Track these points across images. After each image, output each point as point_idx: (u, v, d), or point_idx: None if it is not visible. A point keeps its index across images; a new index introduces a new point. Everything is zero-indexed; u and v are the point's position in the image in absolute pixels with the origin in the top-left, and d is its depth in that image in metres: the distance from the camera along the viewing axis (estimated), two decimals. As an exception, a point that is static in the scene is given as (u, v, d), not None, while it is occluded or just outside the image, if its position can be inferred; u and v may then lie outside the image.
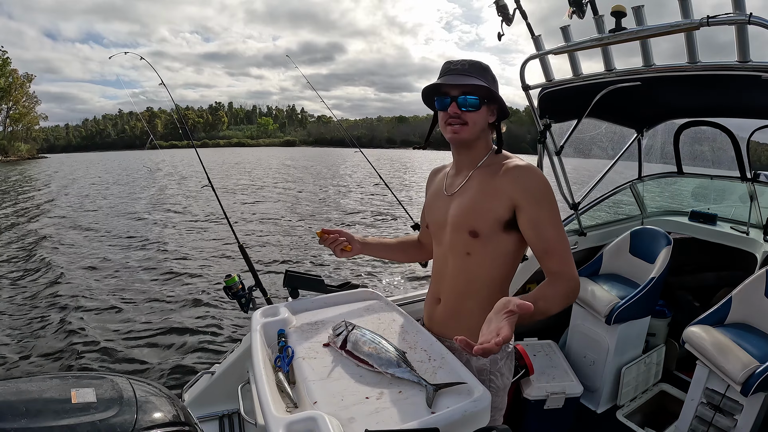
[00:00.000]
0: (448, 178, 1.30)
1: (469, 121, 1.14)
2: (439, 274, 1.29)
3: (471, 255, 1.17)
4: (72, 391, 0.78)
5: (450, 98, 1.14)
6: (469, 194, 1.18)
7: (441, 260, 1.29)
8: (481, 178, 1.18)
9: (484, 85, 1.11)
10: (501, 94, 1.17)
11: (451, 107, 1.14)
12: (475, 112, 1.14)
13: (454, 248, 1.21)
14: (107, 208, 12.83)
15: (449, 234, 1.22)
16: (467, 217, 1.16)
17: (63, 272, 6.41)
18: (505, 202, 1.10)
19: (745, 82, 1.65)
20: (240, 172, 26.92)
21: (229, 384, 1.69)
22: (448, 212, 1.23)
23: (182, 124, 2.61)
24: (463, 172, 1.25)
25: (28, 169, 30.82)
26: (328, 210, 12.61)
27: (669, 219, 3.18)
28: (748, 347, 1.82)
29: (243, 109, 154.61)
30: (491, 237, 1.14)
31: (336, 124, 4.98)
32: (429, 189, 1.42)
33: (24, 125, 56.53)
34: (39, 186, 20.07)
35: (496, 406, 1.20)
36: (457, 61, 1.16)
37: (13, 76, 53.34)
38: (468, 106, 1.13)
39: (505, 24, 1.81)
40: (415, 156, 54.06)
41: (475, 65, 1.15)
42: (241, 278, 1.77)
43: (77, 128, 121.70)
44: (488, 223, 1.13)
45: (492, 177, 1.15)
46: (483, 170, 1.20)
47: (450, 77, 1.13)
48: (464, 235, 1.16)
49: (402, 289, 5.80)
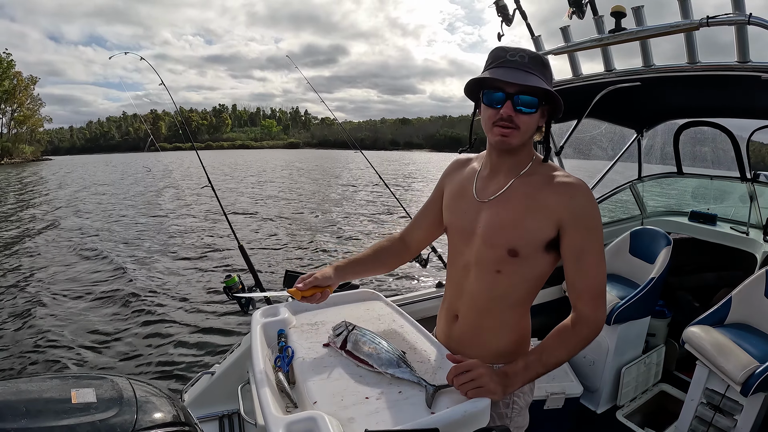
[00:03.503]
0: (479, 180, 1.12)
1: (521, 126, 0.97)
2: (458, 286, 1.15)
3: (502, 273, 1.05)
4: (72, 392, 0.78)
5: (505, 95, 0.95)
6: (511, 207, 1.03)
7: (461, 272, 1.14)
8: (525, 190, 1.03)
9: (548, 89, 0.95)
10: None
11: (505, 107, 0.96)
12: (531, 115, 0.97)
13: (483, 263, 1.07)
14: (107, 208, 12.82)
15: (478, 246, 1.07)
16: (507, 233, 1.02)
17: (62, 272, 6.42)
18: (552, 221, 0.98)
19: (745, 82, 1.66)
20: (241, 173, 26.91)
21: (229, 384, 1.69)
22: (478, 221, 1.08)
23: (183, 125, 2.62)
24: (499, 177, 1.08)
25: (26, 174, 30.82)
26: (329, 210, 12.60)
27: (669, 219, 3.18)
28: (748, 347, 1.82)
29: (246, 111, 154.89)
30: (531, 257, 1.02)
31: (340, 126, 4.97)
32: (448, 184, 1.23)
33: (28, 127, 56.61)
34: (40, 188, 20.06)
35: (519, 425, 1.13)
36: (515, 50, 0.97)
37: (17, 78, 53.51)
38: (525, 107, 0.96)
39: (505, 24, 1.82)
40: (419, 158, 54.01)
41: (536, 60, 0.97)
42: (241, 278, 1.77)
43: (81, 130, 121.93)
44: (530, 243, 1.01)
45: (538, 190, 1.01)
46: (526, 180, 1.04)
47: (508, 72, 0.94)
48: (500, 252, 1.03)
49: (402, 289, 5.80)
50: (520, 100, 0.95)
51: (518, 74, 0.93)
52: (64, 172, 29.21)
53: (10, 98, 53.06)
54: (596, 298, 0.98)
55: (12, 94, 52.83)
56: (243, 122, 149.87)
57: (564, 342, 0.98)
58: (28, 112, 55.98)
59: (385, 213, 12.09)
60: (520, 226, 1.01)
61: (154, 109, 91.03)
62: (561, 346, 0.98)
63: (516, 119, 0.97)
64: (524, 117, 0.97)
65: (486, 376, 0.89)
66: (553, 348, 0.98)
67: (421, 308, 1.90)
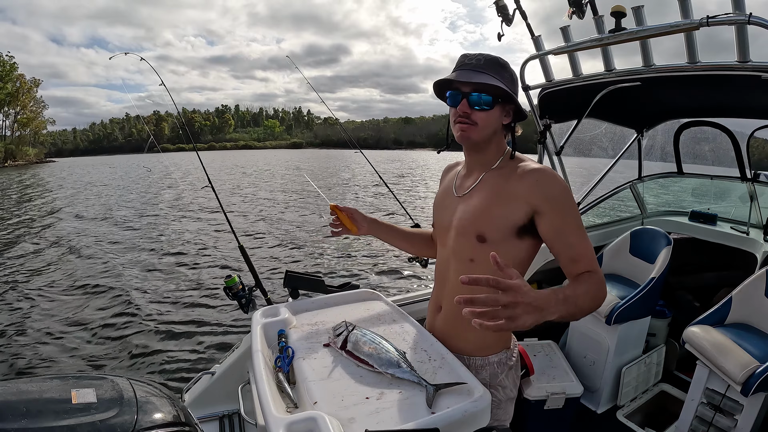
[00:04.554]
0: (458, 179, 1.23)
1: (479, 122, 1.05)
2: (442, 279, 1.23)
3: (475, 261, 1.10)
4: (72, 392, 0.78)
5: (461, 95, 1.05)
6: (480, 197, 1.11)
7: (443, 264, 1.22)
8: (494, 182, 1.11)
9: (498, 85, 1.02)
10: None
11: (461, 105, 1.05)
12: (487, 112, 1.05)
13: (458, 253, 1.14)
14: (107, 209, 12.82)
15: (453, 238, 1.15)
16: (475, 220, 1.09)
17: (62, 272, 6.42)
18: (522, 207, 1.03)
19: (745, 82, 1.65)
20: (241, 173, 26.92)
21: (229, 384, 1.69)
22: (454, 215, 1.16)
23: (183, 126, 2.62)
24: (474, 174, 1.17)
25: (27, 176, 30.83)
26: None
27: (669, 219, 3.18)
28: (748, 347, 1.82)
29: (249, 111, 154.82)
30: (500, 243, 1.06)
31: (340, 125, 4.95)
32: (440, 187, 1.34)
33: (32, 130, 56.71)
34: (41, 190, 20.07)
35: (499, 418, 1.14)
36: (473, 55, 1.06)
37: (20, 81, 53.56)
38: (479, 104, 1.04)
39: (505, 24, 1.82)
40: (421, 157, 53.99)
41: (491, 61, 1.05)
42: (241, 278, 1.77)
43: (84, 132, 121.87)
44: (498, 228, 1.06)
45: (506, 180, 1.08)
46: (496, 173, 1.12)
47: (462, 72, 1.04)
48: (470, 239, 1.09)
49: (402, 289, 5.80)
50: (475, 98, 1.04)
51: (471, 74, 1.03)
52: (66, 174, 29.23)
53: (13, 101, 53.15)
54: (591, 259, 1.02)
55: (15, 96, 52.93)
56: (246, 123, 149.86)
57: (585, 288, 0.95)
58: (31, 115, 56.08)
59: (387, 212, 12.09)
60: (488, 213, 1.08)
61: (157, 111, 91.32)
62: (583, 293, 0.94)
63: (473, 116, 1.05)
64: (480, 113, 1.05)
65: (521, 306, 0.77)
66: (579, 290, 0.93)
67: (421, 308, 1.90)
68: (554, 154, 2.62)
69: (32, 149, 56.47)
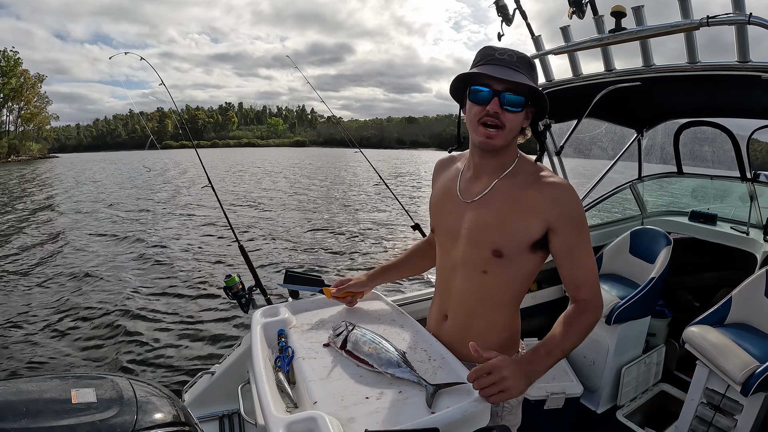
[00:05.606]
0: (462, 181, 1.13)
1: (507, 124, 0.97)
2: (446, 287, 1.17)
3: (488, 273, 1.06)
4: (72, 392, 0.78)
5: (492, 92, 0.95)
6: (495, 207, 1.04)
7: (448, 272, 1.15)
8: (510, 191, 1.04)
9: (534, 86, 0.95)
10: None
11: (492, 104, 0.95)
12: (516, 114, 0.97)
13: (469, 264, 1.08)
14: (107, 209, 12.82)
15: (464, 247, 1.08)
16: (492, 234, 1.03)
17: (61, 272, 6.42)
18: (539, 222, 0.99)
19: (745, 82, 1.65)
20: (241, 173, 26.92)
21: (229, 384, 1.69)
22: (463, 221, 1.09)
23: (183, 124, 2.62)
24: (483, 178, 1.08)
25: (28, 171, 30.82)
26: (330, 210, 12.60)
27: (669, 219, 3.18)
28: (748, 347, 1.82)
29: (253, 109, 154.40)
30: (516, 258, 1.02)
31: (343, 124, 4.97)
32: (434, 185, 1.24)
33: (35, 125, 56.50)
34: (43, 185, 20.08)
35: (511, 424, 1.12)
36: (503, 50, 0.97)
37: (24, 76, 53.44)
38: (511, 105, 0.95)
39: (506, 24, 1.82)
40: (422, 157, 53.96)
41: (523, 59, 0.97)
42: (241, 278, 1.77)
43: (88, 128, 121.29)
44: (516, 244, 1.02)
45: (522, 190, 1.02)
46: (510, 180, 1.05)
47: (496, 68, 0.94)
48: (485, 252, 1.04)
49: (402, 290, 5.80)
50: (506, 97, 0.94)
51: (506, 71, 0.94)
52: (68, 170, 29.21)
53: (18, 96, 52.95)
54: (594, 286, 1.03)
55: (19, 92, 52.74)
56: (249, 120, 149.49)
57: (575, 328, 1.01)
58: (35, 110, 55.92)
59: (387, 212, 12.09)
60: (503, 227, 1.02)
61: (160, 107, 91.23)
62: (573, 332, 1.00)
63: (502, 117, 0.96)
64: (510, 115, 0.96)
65: (509, 378, 0.86)
66: (567, 334, 0.99)
67: (421, 308, 1.89)
68: (554, 154, 2.62)
69: (36, 144, 56.23)
